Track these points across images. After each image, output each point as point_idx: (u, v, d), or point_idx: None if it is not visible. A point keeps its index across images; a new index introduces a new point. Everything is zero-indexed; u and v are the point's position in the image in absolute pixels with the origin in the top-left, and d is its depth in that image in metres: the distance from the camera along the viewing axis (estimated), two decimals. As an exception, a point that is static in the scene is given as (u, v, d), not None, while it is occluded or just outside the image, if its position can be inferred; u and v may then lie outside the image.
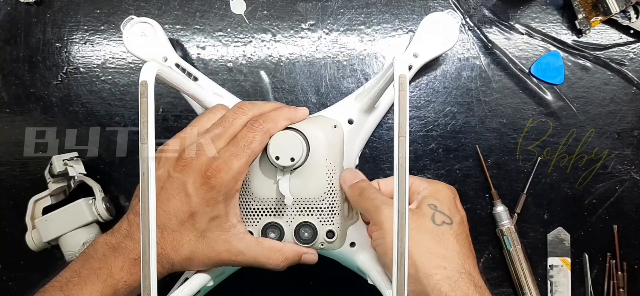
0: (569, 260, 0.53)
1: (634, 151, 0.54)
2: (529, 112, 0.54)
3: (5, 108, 0.56)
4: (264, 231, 0.45)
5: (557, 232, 0.54)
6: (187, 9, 0.56)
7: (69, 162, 0.53)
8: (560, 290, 0.53)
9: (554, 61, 0.54)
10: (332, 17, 0.55)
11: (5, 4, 0.56)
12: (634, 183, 0.54)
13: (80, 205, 0.52)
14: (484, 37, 0.54)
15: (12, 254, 0.56)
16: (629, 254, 0.54)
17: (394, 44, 0.55)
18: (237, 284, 0.55)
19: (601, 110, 0.54)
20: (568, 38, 0.54)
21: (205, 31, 0.55)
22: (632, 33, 0.54)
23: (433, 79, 0.55)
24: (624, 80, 0.54)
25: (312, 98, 0.55)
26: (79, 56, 0.56)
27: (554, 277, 0.53)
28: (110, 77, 0.56)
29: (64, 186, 0.54)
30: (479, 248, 0.54)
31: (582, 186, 0.54)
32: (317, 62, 0.55)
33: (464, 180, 0.54)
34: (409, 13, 0.55)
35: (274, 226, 0.45)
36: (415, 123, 0.55)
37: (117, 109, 0.55)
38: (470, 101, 0.54)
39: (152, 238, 0.32)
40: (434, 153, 0.55)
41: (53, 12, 0.56)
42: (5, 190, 0.56)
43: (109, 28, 0.56)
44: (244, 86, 0.55)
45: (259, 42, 0.55)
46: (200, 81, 0.50)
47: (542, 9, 0.55)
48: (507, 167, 0.54)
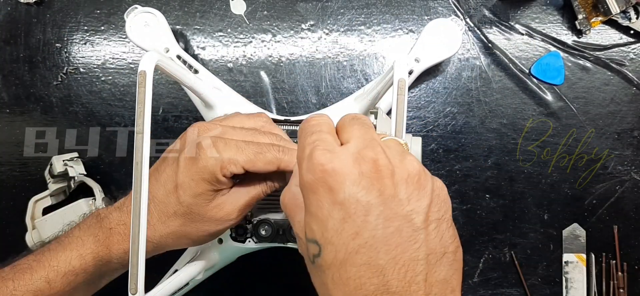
0: (584, 256, 0.53)
1: (634, 151, 0.54)
2: (529, 112, 0.54)
3: (5, 109, 0.56)
4: (256, 228, 0.46)
5: (573, 228, 0.54)
6: (187, 9, 0.55)
7: (69, 162, 0.53)
8: (576, 286, 0.53)
9: (554, 61, 0.54)
10: (332, 17, 0.55)
11: (5, 4, 0.56)
12: (634, 183, 0.54)
13: (80, 205, 0.52)
14: (484, 37, 0.54)
15: (12, 254, 0.56)
16: (629, 254, 0.54)
17: (394, 44, 0.55)
18: (237, 284, 0.55)
19: (601, 111, 0.54)
20: (568, 38, 0.54)
21: (205, 31, 0.55)
22: (632, 33, 0.54)
23: (433, 80, 0.55)
24: (624, 81, 0.54)
25: (312, 98, 0.55)
26: (79, 56, 0.56)
27: (569, 273, 0.54)
28: (110, 77, 0.56)
29: (64, 186, 0.54)
30: (479, 248, 0.54)
31: (582, 186, 0.54)
32: (317, 62, 0.55)
33: (464, 180, 0.54)
34: (409, 13, 0.55)
35: (266, 222, 0.46)
36: (415, 123, 0.55)
37: (117, 109, 0.55)
38: (470, 101, 0.54)
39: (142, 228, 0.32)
40: (434, 154, 0.55)
41: (53, 13, 0.56)
42: (5, 190, 0.56)
43: (109, 28, 0.56)
44: (244, 86, 0.55)
45: (259, 43, 0.55)
46: (201, 74, 0.50)
47: (542, 9, 0.55)
48: (507, 167, 0.54)
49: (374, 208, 0.26)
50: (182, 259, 0.50)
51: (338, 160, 0.28)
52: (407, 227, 0.26)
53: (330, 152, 0.28)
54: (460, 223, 0.54)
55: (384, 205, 0.27)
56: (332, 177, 0.27)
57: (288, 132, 0.47)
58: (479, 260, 0.54)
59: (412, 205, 0.27)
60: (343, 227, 0.27)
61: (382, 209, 0.26)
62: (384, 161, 0.28)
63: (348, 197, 0.27)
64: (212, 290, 0.54)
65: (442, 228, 0.27)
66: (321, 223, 0.28)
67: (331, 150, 0.29)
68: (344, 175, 0.27)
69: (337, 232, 0.27)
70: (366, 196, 0.27)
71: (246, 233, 0.46)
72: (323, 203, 0.27)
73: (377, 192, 0.27)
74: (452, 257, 0.27)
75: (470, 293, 0.54)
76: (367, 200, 0.27)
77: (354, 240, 0.26)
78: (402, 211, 0.27)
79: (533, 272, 0.54)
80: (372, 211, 0.26)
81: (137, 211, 0.33)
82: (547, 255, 0.54)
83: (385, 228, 0.26)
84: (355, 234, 0.26)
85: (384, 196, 0.27)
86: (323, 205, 0.27)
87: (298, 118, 0.48)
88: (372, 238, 0.26)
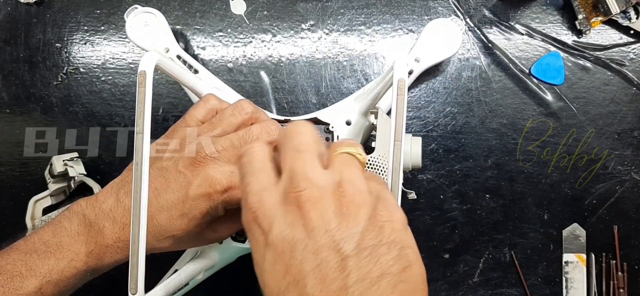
0: (584, 256, 0.53)
1: (634, 151, 0.54)
2: (529, 112, 0.54)
3: (5, 109, 0.56)
4: None
5: (573, 228, 0.54)
6: (187, 9, 0.55)
7: (69, 162, 0.53)
8: (576, 286, 0.53)
9: (554, 61, 0.54)
10: (332, 17, 0.55)
11: (5, 4, 0.56)
12: (634, 183, 0.54)
13: (81, 205, 0.52)
14: (484, 37, 0.54)
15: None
16: (629, 254, 0.54)
17: (394, 44, 0.55)
18: (237, 284, 0.55)
19: (601, 111, 0.54)
20: (568, 38, 0.54)
21: (205, 31, 0.55)
22: (632, 33, 0.54)
23: (433, 80, 0.55)
24: (624, 81, 0.54)
25: (312, 98, 0.55)
26: (79, 56, 0.56)
27: (569, 273, 0.54)
28: (110, 77, 0.56)
29: (64, 186, 0.54)
30: (479, 248, 0.54)
31: (582, 186, 0.54)
32: (317, 62, 0.55)
33: (464, 180, 0.54)
34: (409, 13, 0.55)
35: None
36: (415, 123, 0.55)
37: (117, 109, 0.55)
38: (470, 101, 0.54)
39: (142, 228, 0.32)
40: (434, 154, 0.55)
41: (53, 13, 0.56)
42: (5, 190, 0.56)
43: (109, 28, 0.56)
44: (244, 86, 0.55)
45: (259, 43, 0.55)
46: (201, 74, 0.50)
47: (542, 9, 0.55)
48: (507, 167, 0.54)
49: (299, 243, 0.26)
50: (182, 259, 0.50)
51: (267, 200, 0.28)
52: (335, 256, 0.25)
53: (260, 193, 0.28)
54: (460, 223, 0.54)
55: (310, 239, 0.26)
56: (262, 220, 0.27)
57: None
58: (479, 260, 0.54)
59: (342, 234, 0.26)
60: (274, 268, 0.26)
61: (307, 242, 0.26)
62: (307, 195, 0.27)
63: (276, 237, 0.26)
64: (212, 290, 0.54)
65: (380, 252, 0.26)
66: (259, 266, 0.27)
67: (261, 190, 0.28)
68: (272, 216, 0.27)
69: (270, 274, 0.27)
70: (292, 232, 0.26)
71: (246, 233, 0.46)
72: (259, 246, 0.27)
73: (301, 227, 0.26)
74: (396, 278, 0.25)
75: (470, 293, 0.54)
76: (293, 235, 0.26)
77: (284, 278, 0.26)
78: (329, 241, 0.26)
79: (533, 272, 0.54)
80: (297, 246, 0.26)
81: (137, 211, 0.32)
82: (547, 255, 0.54)
83: (312, 261, 0.25)
84: (284, 272, 0.26)
85: (309, 229, 0.26)
86: (259, 248, 0.27)
87: (298, 118, 0.48)
88: (299, 273, 0.25)
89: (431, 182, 0.54)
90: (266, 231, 0.27)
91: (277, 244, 0.26)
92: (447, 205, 0.54)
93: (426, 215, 0.54)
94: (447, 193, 0.54)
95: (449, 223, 0.54)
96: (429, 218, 0.54)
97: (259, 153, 0.31)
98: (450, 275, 0.54)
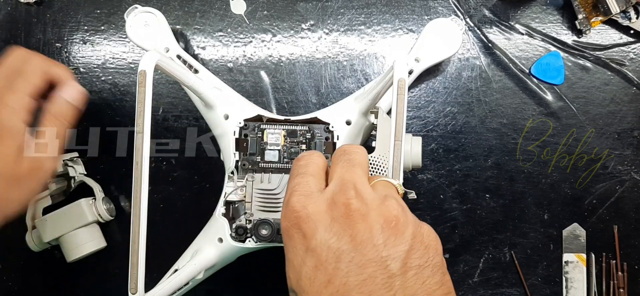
0: (584, 256, 0.53)
1: (634, 151, 0.54)
2: (529, 112, 0.54)
3: (5, 109, 0.56)
4: (256, 228, 0.46)
5: (573, 228, 0.54)
6: (187, 9, 0.56)
7: (69, 162, 0.53)
8: (576, 286, 0.53)
9: (554, 61, 0.54)
10: (332, 17, 0.55)
11: (5, 4, 0.56)
12: (634, 183, 0.54)
13: (81, 205, 0.52)
14: (484, 37, 0.54)
15: (12, 254, 0.56)
16: (629, 254, 0.54)
17: (394, 44, 0.55)
18: (237, 284, 0.55)
19: (601, 111, 0.54)
20: (568, 38, 0.54)
21: (205, 31, 0.55)
22: (632, 33, 0.54)
23: (433, 79, 0.55)
24: (624, 81, 0.54)
25: (312, 98, 0.55)
26: (79, 56, 0.56)
27: (569, 273, 0.54)
28: (110, 77, 0.56)
29: (64, 186, 0.54)
30: (479, 248, 0.54)
31: (582, 186, 0.54)
32: (317, 62, 0.55)
33: (464, 180, 0.54)
34: (409, 13, 0.55)
35: (266, 223, 0.46)
36: (415, 123, 0.55)
37: (117, 109, 0.55)
38: (470, 101, 0.54)
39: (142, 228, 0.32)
40: (434, 154, 0.55)
41: (53, 12, 0.56)
42: (6, 190, 0.56)
43: (109, 28, 0.56)
44: (244, 86, 0.55)
45: (259, 42, 0.55)
46: (201, 74, 0.50)
47: (542, 9, 0.55)
48: (507, 167, 0.54)
49: (345, 254, 0.26)
50: (182, 259, 0.50)
51: (312, 205, 0.27)
52: (382, 274, 0.25)
53: (306, 197, 0.28)
54: (460, 223, 0.54)
55: (356, 251, 0.26)
56: (305, 224, 0.27)
57: (288, 132, 0.47)
58: (479, 260, 0.54)
59: (389, 251, 0.26)
60: (316, 275, 0.26)
61: (354, 255, 0.26)
62: (356, 205, 0.27)
63: (320, 244, 0.26)
64: (212, 290, 0.54)
65: (425, 274, 0.26)
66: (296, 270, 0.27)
67: (308, 194, 0.28)
68: (316, 222, 0.27)
69: (310, 280, 0.26)
70: (337, 242, 0.26)
71: (246, 233, 0.46)
72: (298, 250, 0.27)
73: (348, 238, 0.26)
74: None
75: (471, 293, 0.54)
76: (338, 246, 0.26)
77: (326, 288, 0.26)
78: (376, 257, 0.25)
79: (533, 272, 0.54)
80: (343, 258, 0.26)
81: (137, 211, 0.33)
82: (547, 255, 0.54)
83: (357, 275, 0.25)
84: (327, 282, 0.26)
85: (356, 241, 0.26)
86: (298, 252, 0.27)
87: (298, 118, 0.48)
88: (343, 285, 0.25)
89: (431, 182, 0.55)
90: (309, 236, 0.27)
91: (321, 252, 0.26)
92: (447, 204, 0.54)
93: (426, 215, 0.55)
94: (447, 193, 0.54)
95: (449, 223, 0.54)
96: (429, 218, 0.54)
97: (318, 161, 0.31)
98: (450, 274, 0.54)
